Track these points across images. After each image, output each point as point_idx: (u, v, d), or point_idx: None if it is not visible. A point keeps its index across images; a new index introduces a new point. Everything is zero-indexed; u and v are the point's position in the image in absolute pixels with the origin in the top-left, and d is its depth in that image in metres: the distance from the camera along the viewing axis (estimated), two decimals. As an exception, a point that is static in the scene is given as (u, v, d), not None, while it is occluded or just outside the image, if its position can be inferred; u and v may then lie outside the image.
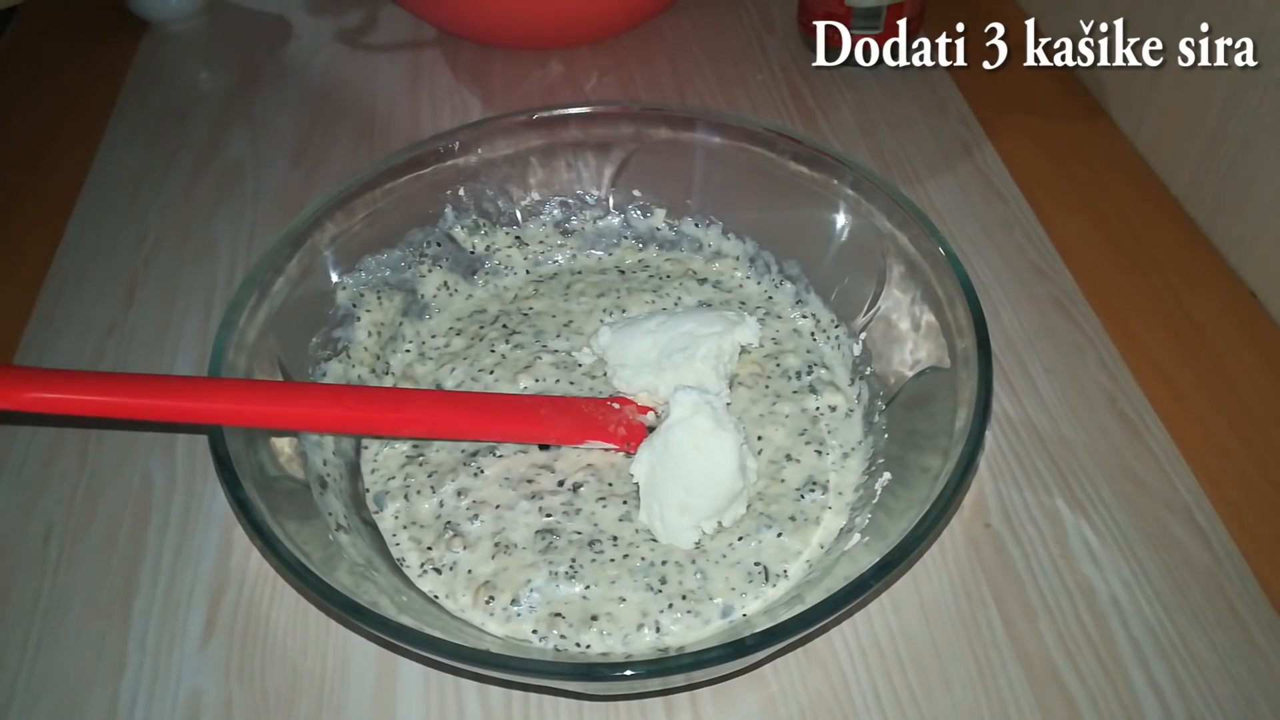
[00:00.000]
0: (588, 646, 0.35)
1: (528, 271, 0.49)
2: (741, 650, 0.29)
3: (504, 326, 0.46)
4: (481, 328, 0.47)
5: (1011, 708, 0.35)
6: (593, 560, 0.37)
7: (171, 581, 0.40)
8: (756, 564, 0.37)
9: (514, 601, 0.36)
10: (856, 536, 0.36)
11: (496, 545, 0.38)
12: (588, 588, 0.36)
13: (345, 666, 0.37)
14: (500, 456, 0.41)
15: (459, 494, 0.40)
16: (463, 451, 0.41)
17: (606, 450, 0.41)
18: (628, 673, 0.29)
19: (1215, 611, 0.37)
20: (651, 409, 0.42)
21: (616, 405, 0.42)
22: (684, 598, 0.36)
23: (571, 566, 0.37)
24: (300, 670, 0.37)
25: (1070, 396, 0.45)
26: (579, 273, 0.49)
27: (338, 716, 0.36)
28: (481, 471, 0.40)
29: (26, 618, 0.39)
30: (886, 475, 0.38)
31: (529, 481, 0.40)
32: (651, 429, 0.40)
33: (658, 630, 0.35)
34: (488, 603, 0.36)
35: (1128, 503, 0.41)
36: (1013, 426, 0.44)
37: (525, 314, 0.47)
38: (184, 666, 0.37)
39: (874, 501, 0.37)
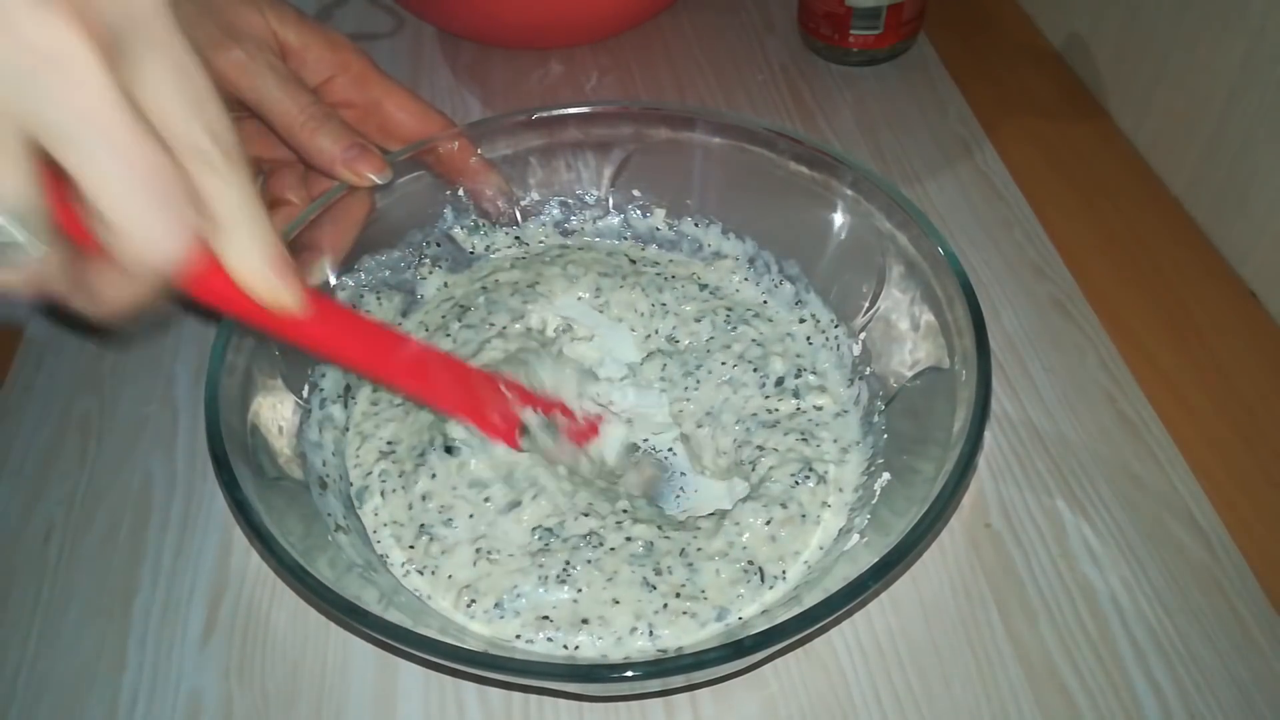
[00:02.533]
0: (576, 648, 0.35)
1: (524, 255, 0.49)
2: (740, 651, 0.29)
3: (460, 307, 0.46)
4: (443, 316, 0.46)
5: (1011, 707, 0.35)
6: (588, 561, 0.36)
7: (171, 581, 0.40)
8: (750, 563, 0.36)
9: (496, 605, 0.35)
10: (855, 537, 0.36)
11: (478, 551, 0.37)
12: (580, 591, 0.36)
13: (345, 666, 0.37)
14: (458, 457, 0.39)
15: (424, 498, 0.38)
16: (414, 449, 0.40)
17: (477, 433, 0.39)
18: (628, 674, 0.29)
19: (1215, 611, 0.37)
20: (562, 412, 0.41)
21: (507, 392, 0.39)
22: (678, 595, 0.35)
23: (565, 569, 0.36)
24: (300, 670, 0.37)
25: (1070, 396, 0.45)
26: (581, 248, 0.49)
27: (337, 717, 0.36)
28: (434, 475, 0.39)
29: (26, 618, 0.39)
30: (886, 476, 0.38)
31: (484, 485, 0.38)
32: (525, 429, 0.39)
33: (651, 634, 0.35)
34: (469, 606, 0.36)
35: (1128, 502, 0.41)
36: (1012, 426, 0.44)
37: (485, 288, 0.46)
38: (184, 666, 0.37)
39: (873, 502, 0.37)
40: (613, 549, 0.37)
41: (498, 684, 0.36)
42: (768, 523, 0.37)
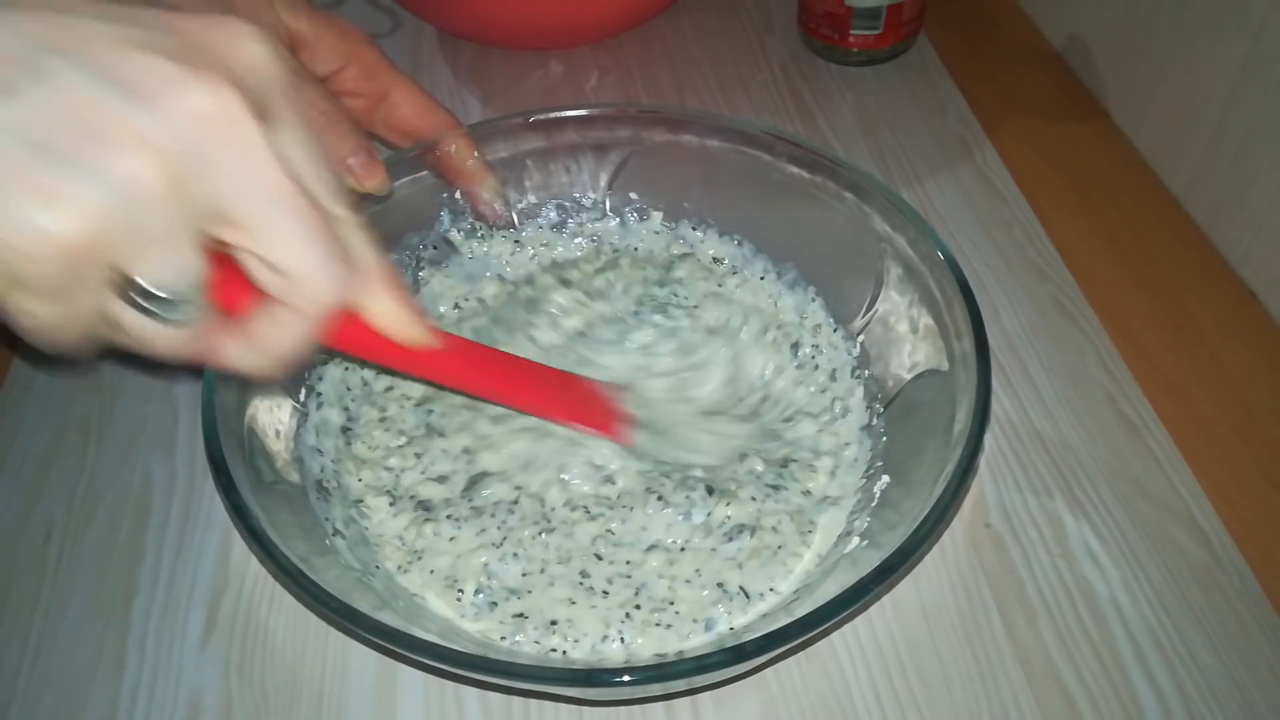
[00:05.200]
0: (564, 652, 0.35)
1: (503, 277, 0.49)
2: (741, 656, 0.29)
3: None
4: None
5: (1011, 708, 0.35)
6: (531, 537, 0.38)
7: (171, 581, 0.40)
8: (719, 583, 0.37)
9: (478, 591, 0.36)
10: (856, 540, 0.36)
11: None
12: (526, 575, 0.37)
13: (345, 666, 0.37)
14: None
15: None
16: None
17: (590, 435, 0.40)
18: (626, 678, 0.29)
19: (1215, 612, 0.37)
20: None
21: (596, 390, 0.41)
22: (637, 607, 0.36)
23: (505, 540, 0.38)
24: (300, 670, 0.37)
25: (1070, 397, 0.45)
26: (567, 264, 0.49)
27: (338, 717, 0.36)
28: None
29: (26, 618, 0.39)
30: (885, 479, 0.38)
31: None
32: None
33: (623, 642, 0.35)
34: (458, 598, 0.36)
35: (1127, 503, 0.41)
36: (1012, 427, 0.44)
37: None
38: (184, 666, 0.37)
39: (873, 504, 0.37)
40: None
41: (498, 686, 0.36)
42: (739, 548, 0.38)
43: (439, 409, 0.43)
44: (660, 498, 0.38)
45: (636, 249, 0.49)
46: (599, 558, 0.37)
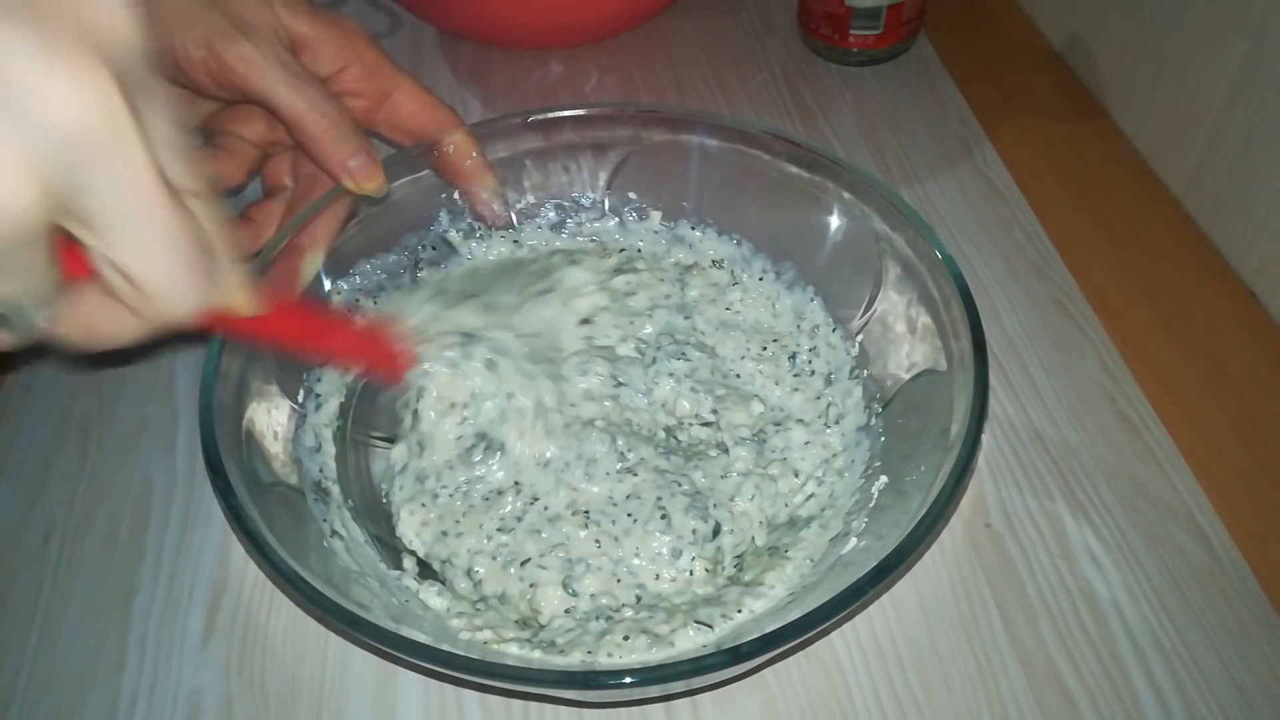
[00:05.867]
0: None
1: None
2: (738, 657, 0.29)
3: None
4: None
5: (1011, 708, 0.35)
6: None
7: (171, 581, 0.40)
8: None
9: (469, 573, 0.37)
10: (853, 540, 0.36)
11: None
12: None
13: (345, 666, 0.37)
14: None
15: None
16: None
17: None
18: (626, 680, 0.29)
19: (1215, 612, 0.37)
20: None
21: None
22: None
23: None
24: (300, 670, 0.37)
25: (1070, 397, 0.45)
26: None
27: (338, 717, 0.36)
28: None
29: (26, 618, 0.39)
30: (883, 479, 0.38)
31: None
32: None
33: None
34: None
35: (1127, 503, 0.41)
36: (1012, 427, 0.44)
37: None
38: (184, 666, 0.37)
39: (870, 505, 0.37)
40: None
41: (498, 688, 0.36)
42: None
43: None
44: (665, 516, 0.37)
45: (639, 249, 0.49)
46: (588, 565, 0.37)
